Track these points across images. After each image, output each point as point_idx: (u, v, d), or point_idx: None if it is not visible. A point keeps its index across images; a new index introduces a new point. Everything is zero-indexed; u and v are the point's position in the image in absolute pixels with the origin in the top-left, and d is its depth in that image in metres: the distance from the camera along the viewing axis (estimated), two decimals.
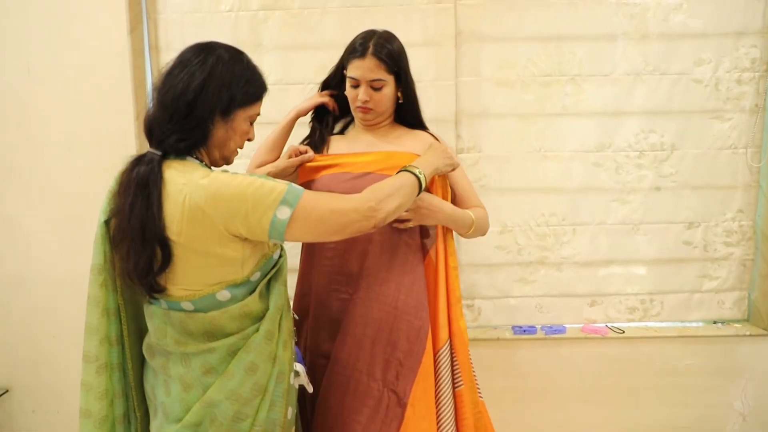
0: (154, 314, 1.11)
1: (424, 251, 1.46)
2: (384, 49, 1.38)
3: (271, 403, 1.10)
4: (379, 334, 1.35)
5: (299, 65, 1.97)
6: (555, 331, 2.04)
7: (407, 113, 1.51)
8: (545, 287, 2.07)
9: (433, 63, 1.95)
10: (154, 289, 1.06)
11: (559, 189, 2.01)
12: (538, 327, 2.07)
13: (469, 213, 1.44)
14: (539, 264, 2.06)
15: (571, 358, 2.04)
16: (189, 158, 1.08)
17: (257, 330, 1.09)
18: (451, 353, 1.45)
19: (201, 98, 1.03)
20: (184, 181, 1.02)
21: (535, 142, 1.99)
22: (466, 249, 2.03)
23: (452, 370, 1.44)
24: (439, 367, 1.41)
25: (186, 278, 1.06)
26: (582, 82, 1.94)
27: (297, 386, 1.27)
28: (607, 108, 1.96)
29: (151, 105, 1.08)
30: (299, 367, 1.27)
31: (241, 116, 1.11)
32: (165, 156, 1.06)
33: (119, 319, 1.14)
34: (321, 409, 1.38)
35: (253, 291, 1.10)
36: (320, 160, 1.48)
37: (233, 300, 1.08)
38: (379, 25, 1.89)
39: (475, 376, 1.52)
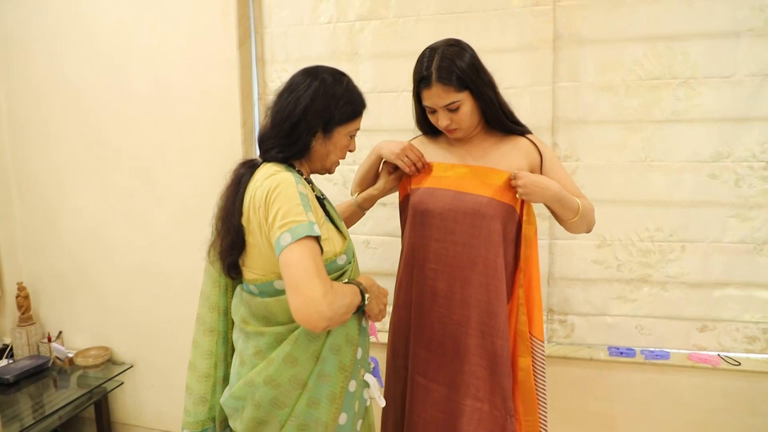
0: (236, 293, 1.27)
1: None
2: (447, 71, 1.29)
3: (312, 399, 1.15)
4: (495, 367, 1.36)
5: (393, 73, 2.01)
6: (657, 356, 1.87)
7: (492, 118, 1.42)
8: (647, 307, 1.91)
9: (529, 68, 1.88)
10: (232, 270, 1.21)
11: (666, 202, 1.84)
12: (638, 350, 1.91)
13: (576, 198, 1.37)
14: (641, 282, 1.90)
15: (674, 387, 1.87)
16: (281, 163, 1.20)
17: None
18: None
19: (303, 120, 1.17)
20: (260, 177, 1.15)
21: (640, 151, 1.84)
22: (560, 262, 1.95)
23: None
24: None
25: (252, 262, 1.18)
26: (697, 85, 1.76)
27: (367, 398, 1.29)
28: (726, 113, 1.75)
29: (265, 121, 1.24)
30: (369, 378, 1.28)
31: (341, 133, 1.24)
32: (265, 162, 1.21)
33: (226, 292, 1.31)
34: (418, 427, 1.43)
35: None
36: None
37: None
38: (473, 32, 1.89)
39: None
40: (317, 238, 1.07)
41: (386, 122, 2.04)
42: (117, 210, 2.32)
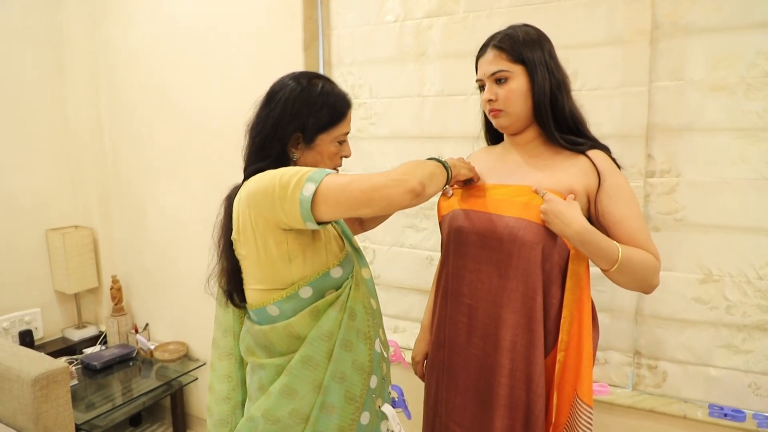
0: (244, 322, 1.21)
1: None
2: (507, 39, 1.16)
3: None
4: (529, 424, 1.17)
5: (462, 74, 1.82)
6: None
7: (538, 116, 1.17)
8: (766, 362, 1.52)
9: (620, 65, 1.58)
10: (234, 296, 1.17)
11: None
12: (749, 413, 1.54)
13: (616, 245, 1.07)
14: (759, 330, 1.52)
15: None
16: None
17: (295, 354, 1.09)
18: None
19: (274, 132, 1.10)
20: (243, 187, 1.10)
21: (764, 167, 1.46)
22: (652, 296, 1.62)
23: None
24: None
25: (249, 277, 1.11)
26: None
27: (385, 430, 1.19)
28: None
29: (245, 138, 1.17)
30: (387, 410, 1.18)
31: (324, 140, 1.13)
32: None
33: (238, 317, 1.26)
34: None
35: (302, 311, 1.08)
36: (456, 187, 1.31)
37: (282, 316, 1.09)
38: (553, 25, 1.64)
39: None
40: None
41: (454, 128, 1.86)
42: (193, 213, 2.41)
